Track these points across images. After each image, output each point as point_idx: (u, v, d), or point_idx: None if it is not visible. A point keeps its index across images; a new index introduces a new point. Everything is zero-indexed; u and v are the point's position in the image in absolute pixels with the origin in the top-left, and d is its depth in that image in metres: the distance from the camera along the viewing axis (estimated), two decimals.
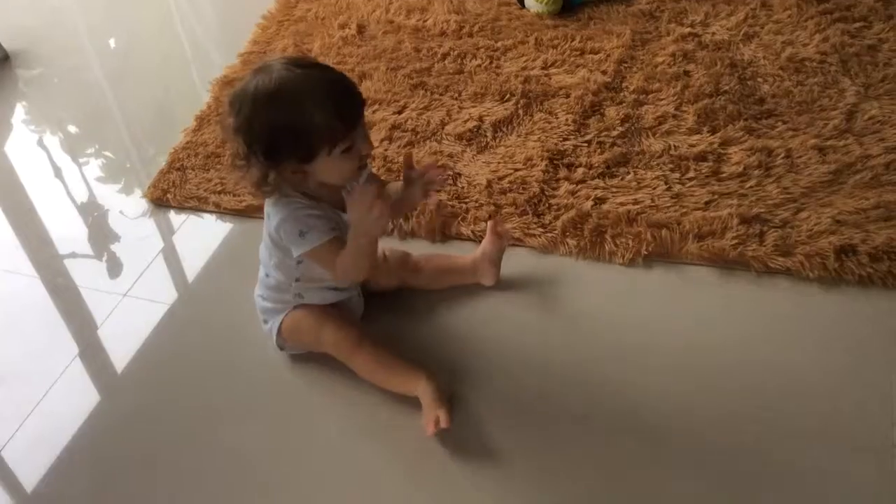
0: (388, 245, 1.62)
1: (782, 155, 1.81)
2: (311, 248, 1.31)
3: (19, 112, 2.36)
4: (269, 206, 1.35)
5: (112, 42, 2.65)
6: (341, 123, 1.22)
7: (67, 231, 1.91)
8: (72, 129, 2.28)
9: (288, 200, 1.32)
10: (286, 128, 1.22)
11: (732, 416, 1.35)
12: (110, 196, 2.01)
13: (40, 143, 2.22)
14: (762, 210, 1.68)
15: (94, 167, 2.12)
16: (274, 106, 1.21)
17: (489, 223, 1.61)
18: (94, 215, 1.96)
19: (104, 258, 1.84)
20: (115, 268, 1.80)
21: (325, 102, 1.21)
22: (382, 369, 1.41)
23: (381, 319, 1.56)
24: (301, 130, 1.21)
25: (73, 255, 1.85)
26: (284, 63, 1.23)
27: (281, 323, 1.48)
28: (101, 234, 1.90)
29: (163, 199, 1.91)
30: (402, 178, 1.43)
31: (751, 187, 1.74)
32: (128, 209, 1.94)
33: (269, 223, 1.36)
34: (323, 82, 1.23)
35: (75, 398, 1.52)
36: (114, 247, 1.86)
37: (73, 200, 2.01)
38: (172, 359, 1.57)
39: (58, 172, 2.10)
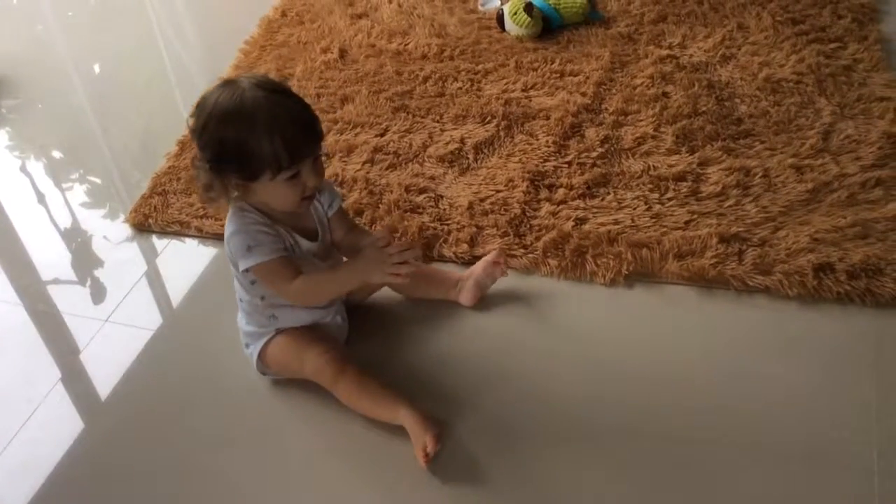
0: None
1: (760, 174, 1.83)
2: (257, 263, 1.32)
3: (2, 138, 2.36)
4: (227, 219, 1.36)
5: (97, 67, 2.66)
6: (287, 154, 1.24)
7: (50, 257, 1.90)
8: (55, 154, 2.28)
9: (243, 214, 1.33)
10: (234, 146, 1.24)
11: (712, 434, 1.36)
12: (94, 221, 2.00)
13: (23, 168, 2.22)
14: (741, 229, 1.70)
15: (77, 192, 2.11)
16: (228, 122, 1.23)
17: (494, 252, 1.62)
18: (77, 241, 1.96)
19: (87, 283, 1.83)
20: (97, 293, 1.79)
21: (276, 131, 1.22)
22: (365, 398, 1.40)
23: (364, 343, 1.56)
24: (247, 152, 1.24)
25: (57, 281, 1.85)
26: (252, 83, 1.25)
27: (262, 349, 1.47)
28: (84, 260, 1.89)
29: (144, 223, 1.91)
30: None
31: (729, 206, 1.76)
32: (111, 234, 1.94)
33: (225, 236, 1.37)
34: (280, 110, 1.24)
35: (57, 425, 1.51)
36: (97, 272, 1.85)
37: (57, 226, 2.01)
38: (155, 384, 1.56)
39: (41, 198, 2.10)
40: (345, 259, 1.50)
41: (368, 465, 1.37)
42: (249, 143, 1.23)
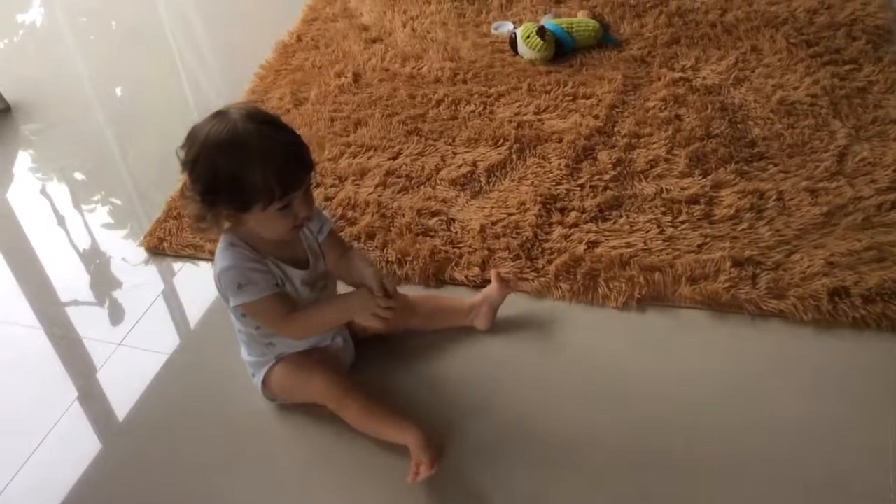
0: None
1: (774, 197, 1.82)
2: (247, 301, 1.33)
3: (24, 160, 2.39)
4: (217, 252, 1.36)
5: (118, 91, 2.69)
6: (279, 186, 1.24)
7: (69, 279, 1.92)
8: (75, 176, 2.30)
9: (235, 251, 1.33)
10: (226, 178, 1.24)
11: (725, 461, 1.35)
12: (112, 244, 2.02)
13: (43, 191, 2.24)
14: (755, 252, 1.69)
15: (96, 215, 2.13)
16: (219, 154, 1.23)
17: (494, 271, 1.62)
18: (95, 263, 1.97)
19: (105, 305, 1.84)
20: (113, 316, 1.81)
21: (267, 163, 1.22)
22: (372, 419, 1.40)
23: (372, 367, 1.56)
24: (239, 184, 1.23)
25: (75, 303, 1.86)
26: (243, 114, 1.25)
27: (266, 378, 1.48)
28: (101, 282, 1.90)
29: (159, 247, 1.92)
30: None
31: (743, 230, 1.75)
32: (129, 257, 1.95)
33: (214, 269, 1.37)
34: (270, 142, 1.24)
35: (72, 447, 1.51)
36: (114, 294, 1.86)
37: (76, 248, 2.03)
38: (167, 409, 1.57)
39: (60, 220, 2.12)
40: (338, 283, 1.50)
41: (375, 488, 1.37)
42: (241, 174, 1.23)
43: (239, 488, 1.40)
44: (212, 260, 1.86)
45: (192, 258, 1.90)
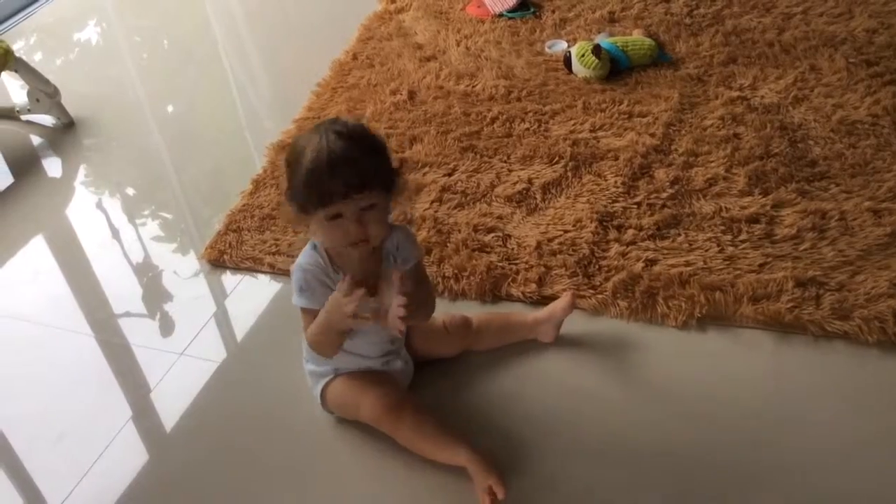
0: (443, 311, 1.60)
1: (836, 217, 1.79)
2: (299, 305, 1.36)
3: (81, 175, 2.44)
4: (304, 247, 1.40)
5: (170, 108, 2.75)
6: (311, 191, 1.24)
7: (123, 291, 1.95)
8: (130, 191, 2.35)
9: (313, 254, 1.36)
10: (291, 181, 1.29)
11: (787, 483, 1.32)
12: (166, 257, 2.05)
13: (99, 205, 2.29)
14: (818, 273, 1.66)
15: (150, 229, 2.17)
16: (293, 157, 1.28)
17: (570, 293, 1.62)
18: (149, 275, 2.01)
19: (158, 317, 1.87)
20: (169, 327, 1.83)
21: (310, 169, 1.24)
22: (425, 441, 1.39)
23: (431, 385, 1.55)
24: (294, 185, 1.28)
25: (128, 314, 1.89)
26: (330, 124, 1.28)
27: (323, 390, 1.49)
28: (156, 294, 1.93)
29: (219, 259, 1.95)
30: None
31: (805, 250, 1.73)
32: (182, 269, 1.98)
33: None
34: (320, 151, 1.23)
35: (130, 457, 1.53)
36: (168, 306, 1.89)
37: (130, 261, 2.06)
38: (223, 420, 1.58)
39: (115, 234, 2.16)
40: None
41: None
42: (295, 177, 1.27)
43: (286, 499, 1.41)
44: (270, 273, 1.90)
45: (252, 271, 1.92)
